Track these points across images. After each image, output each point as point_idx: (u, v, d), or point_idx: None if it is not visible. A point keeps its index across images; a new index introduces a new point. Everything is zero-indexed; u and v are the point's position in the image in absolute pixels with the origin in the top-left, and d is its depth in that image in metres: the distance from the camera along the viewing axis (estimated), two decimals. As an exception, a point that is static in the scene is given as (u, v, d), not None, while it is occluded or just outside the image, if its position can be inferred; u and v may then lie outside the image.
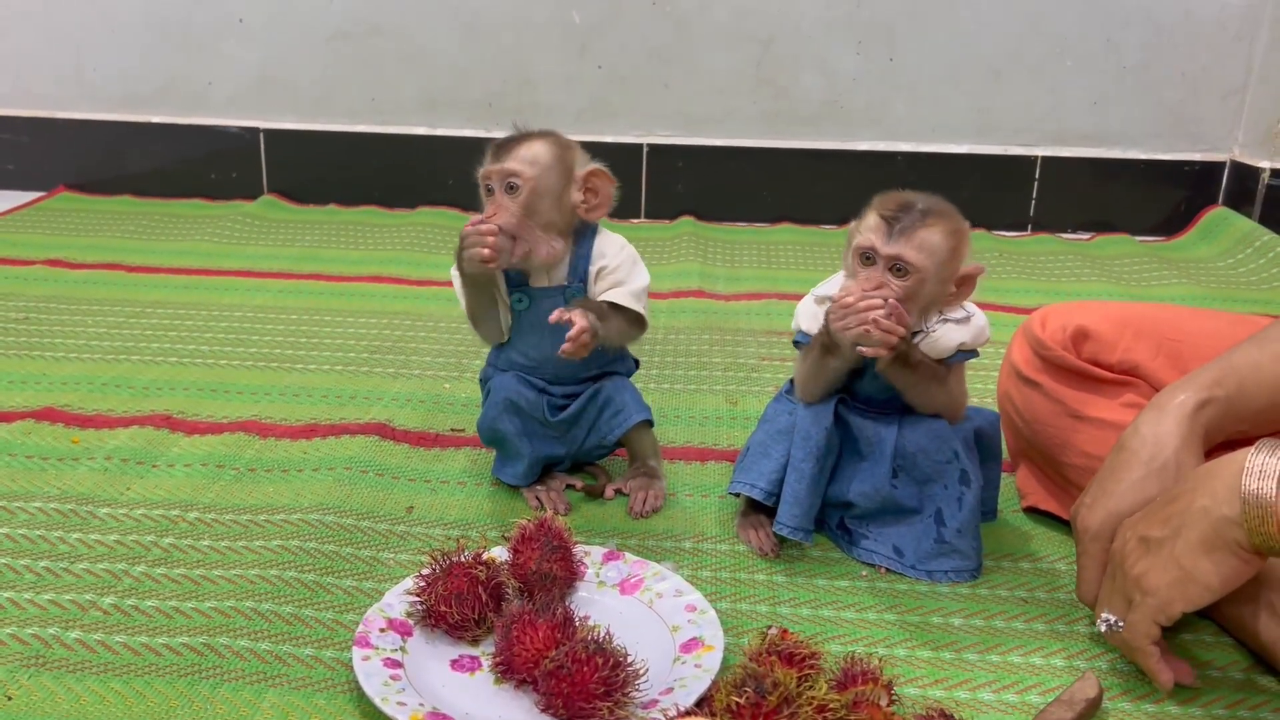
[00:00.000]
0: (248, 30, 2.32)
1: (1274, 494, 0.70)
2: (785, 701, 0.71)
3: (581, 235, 1.07)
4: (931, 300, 0.95)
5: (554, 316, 1.00)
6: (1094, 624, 0.84)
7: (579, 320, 1.00)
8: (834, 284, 1.01)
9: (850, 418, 1.02)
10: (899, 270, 0.93)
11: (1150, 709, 0.82)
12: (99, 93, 2.39)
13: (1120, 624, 0.80)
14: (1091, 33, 2.21)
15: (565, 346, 1.00)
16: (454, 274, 1.09)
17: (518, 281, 1.07)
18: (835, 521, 1.05)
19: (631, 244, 1.11)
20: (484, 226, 1.00)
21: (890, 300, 0.91)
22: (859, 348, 0.92)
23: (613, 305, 1.06)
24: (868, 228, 0.94)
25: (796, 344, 1.04)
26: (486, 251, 1.00)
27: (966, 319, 0.98)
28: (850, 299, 0.92)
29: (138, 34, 2.35)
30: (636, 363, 1.16)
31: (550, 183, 1.03)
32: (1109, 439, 0.92)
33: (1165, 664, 0.81)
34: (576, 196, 1.05)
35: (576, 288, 1.07)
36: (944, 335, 0.97)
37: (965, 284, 0.96)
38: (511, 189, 1.02)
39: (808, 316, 1.02)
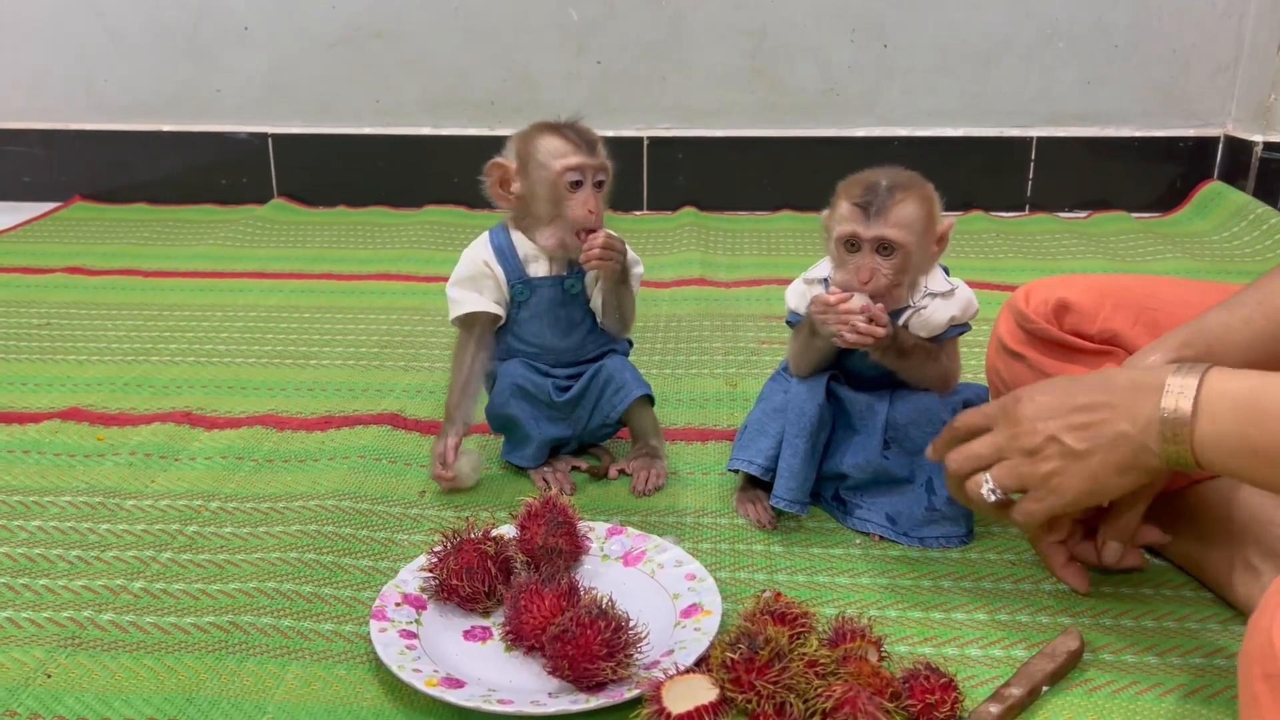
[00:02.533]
0: (253, 38, 2.37)
1: (1189, 410, 0.75)
2: (776, 656, 0.75)
3: None
4: (920, 267, 1.00)
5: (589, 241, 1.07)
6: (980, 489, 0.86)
7: (603, 234, 1.07)
8: (824, 267, 1.05)
9: (842, 393, 1.06)
10: (886, 250, 0.97)
11: (1130, 660, 0.86)
12: (110, 104, 2.45)
13: (1002, 494, 0.85)
14: (1081, 14, 2.24)
15: (592, 251, 1.06)
16: (454, 286, 1.13)
17: (518, 271, 1.11)
18: (830, 493, 1.09)
19: (635, 235, 1.15)
20: (615, 242, 1.07)
21: (865, 305, 0.95)
22: (835, 340, 0.97)
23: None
24: (843, 217, 0.98)
25: (789, 323, 1.08)
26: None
27: (951, 292, 1.02)
28: (833, 299, 0.96)
29: (145, 45, 2.40)
30: (630, 343, 1.20)
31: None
32: (1089, 405, 0.96)
33: (1072, 567, 0.90)
34: None
35: (575, 278, 1.12)
36: (934, 311, 1.01)
37: (943, 240, 1.01)
38: (599, 185, 1.08)
39: (798, 297, 1.06)
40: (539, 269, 1.11)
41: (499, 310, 1.12)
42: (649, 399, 1.17)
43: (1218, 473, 0.76)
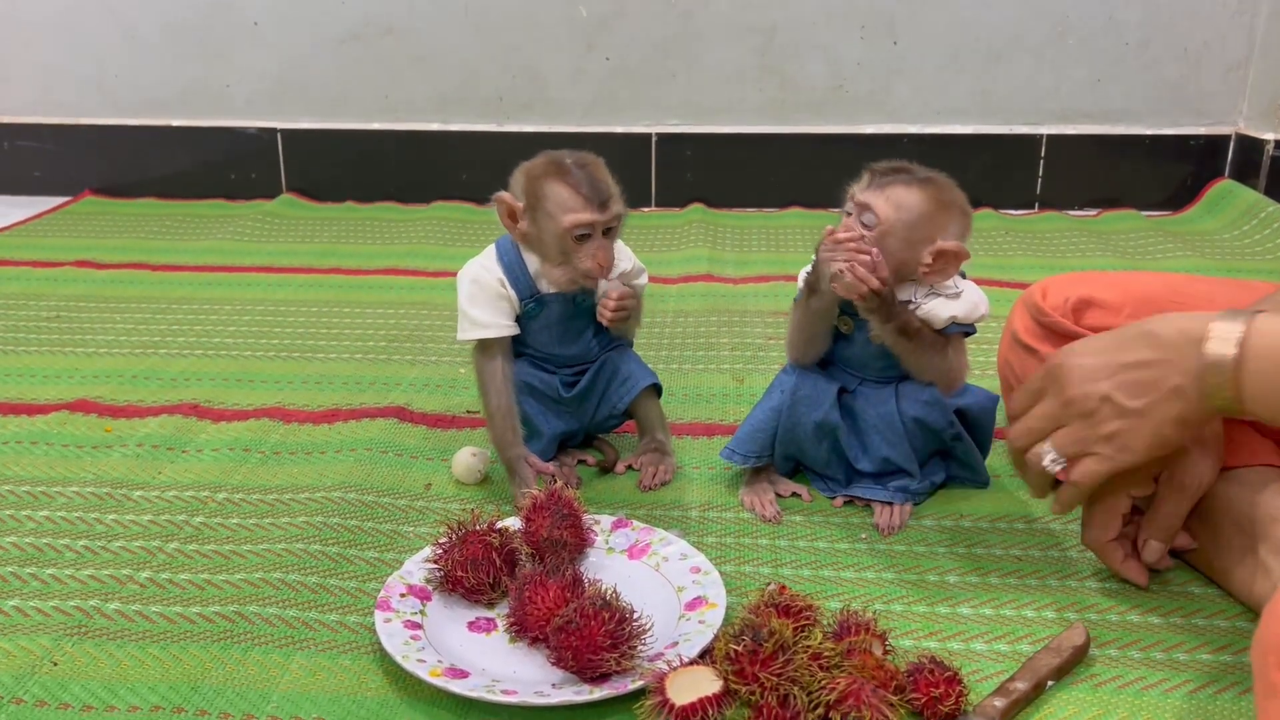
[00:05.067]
0: (263, 34, 2.38)
1: (1233, 356, 0.75)
2: (781, 649, 0.75)
3: None
4: (901, 264, 0.98)
5: (607, 291, 1.07)
6: (1039, 463, 0.86)
7: (617, 291, 1.07)
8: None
9: (851, 402, 1.06)
10: (868, 223, 0.96)
11: (1136, 655, 0.86)
12: (121, 99, 2.46)
13: (1065, 462, 0.85)
14: (1092, 11, 2.23)
15: (606, 313, 1.06)
16: (463, 284, 1.13)
17: (529, 288, 1.10)
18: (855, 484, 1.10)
19: (643, 232, 1.15)
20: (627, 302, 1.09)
21: (875, 253, 0.94)
22: (832, 284, 0.96)
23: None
24: (858, 181, 0.99)
25: (796, 301, 1.07)
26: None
27: (957, 294, 1.01)
28: (844, 236, 0.95)
29: (156, 41, 2.41)
30: (629, 344, 1.20)
31: None
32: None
33: (1132, 562, 0.90)
34: None
35: (584, 293, 1.11)
36: (934, 309, 1.00)
37: (940, 259, 0.98)
38: (608, 232, 1.06)
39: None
40: (550, 284, 1.10)
41: (516, 329, 1.11)
42: (656, 389, 1.17)
43: (1263, 418, 0.76)
